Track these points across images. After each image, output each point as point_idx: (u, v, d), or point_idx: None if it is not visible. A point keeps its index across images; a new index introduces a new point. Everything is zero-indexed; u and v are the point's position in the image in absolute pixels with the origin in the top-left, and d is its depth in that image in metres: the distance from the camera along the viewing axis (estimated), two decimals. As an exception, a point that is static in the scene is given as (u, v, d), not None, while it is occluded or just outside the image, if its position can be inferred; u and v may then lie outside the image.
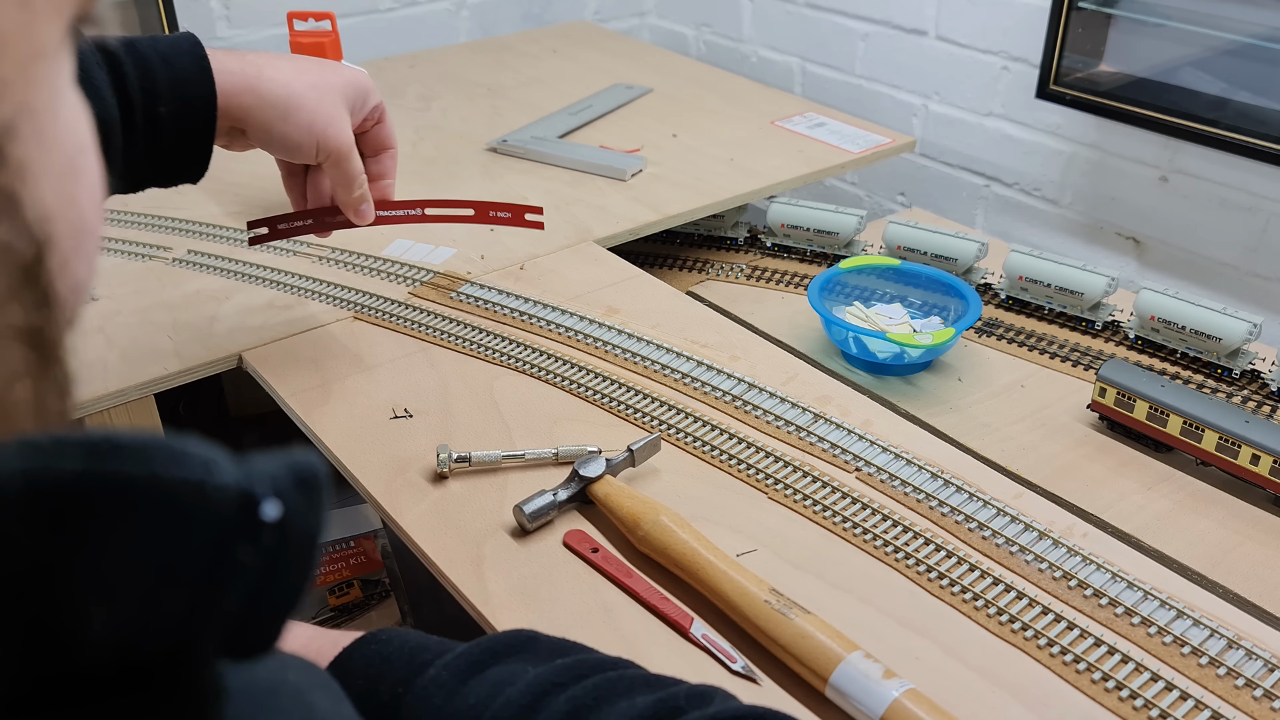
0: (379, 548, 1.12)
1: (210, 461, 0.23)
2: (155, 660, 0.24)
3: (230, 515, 0.23)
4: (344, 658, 0.56)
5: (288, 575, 0.25)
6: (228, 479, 0.23)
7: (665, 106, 1.46)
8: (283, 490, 0.24)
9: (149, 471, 0.22)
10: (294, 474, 0.25)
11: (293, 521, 0.24)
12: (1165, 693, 0.62)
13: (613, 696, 0.49)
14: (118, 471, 0.22)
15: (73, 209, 0.26)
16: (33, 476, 0.21)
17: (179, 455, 0.23)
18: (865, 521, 0.74)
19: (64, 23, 0.26)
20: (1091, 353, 1.03)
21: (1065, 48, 1.25)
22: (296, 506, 0.24)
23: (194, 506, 0.23)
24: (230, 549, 0.23)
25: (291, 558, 0.25)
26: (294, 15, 1.08)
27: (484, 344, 0.93)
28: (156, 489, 0.23)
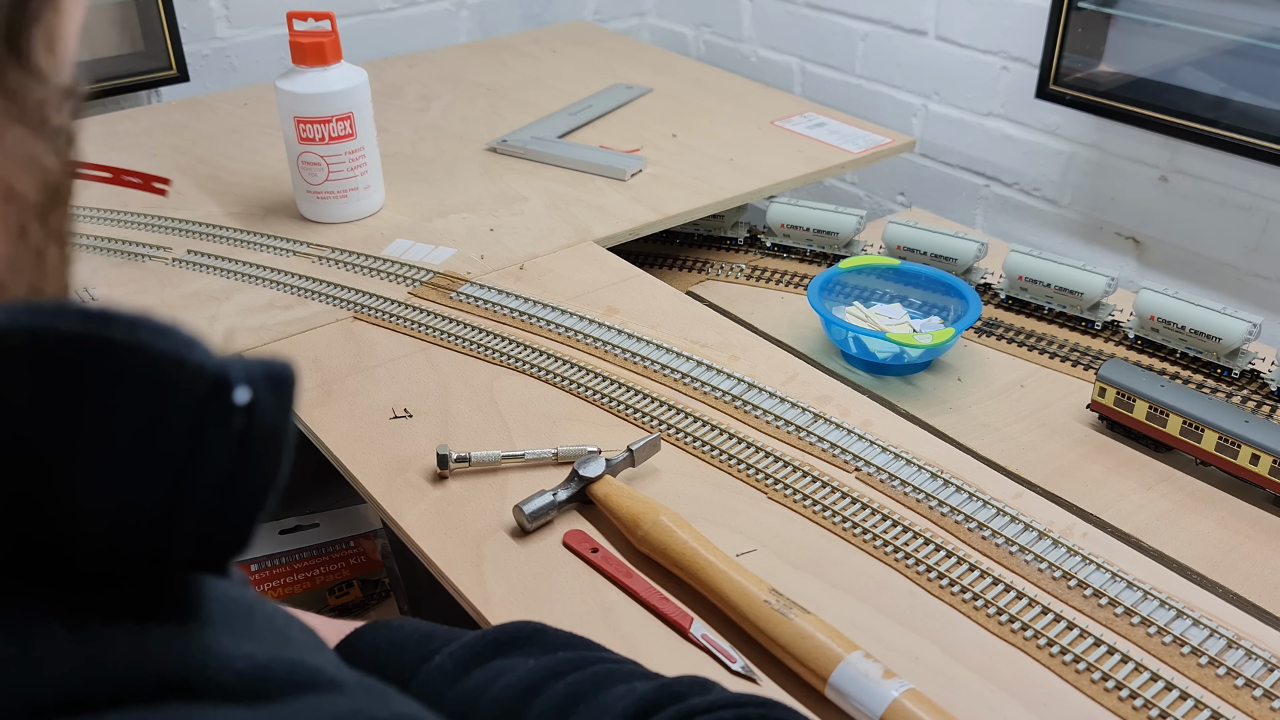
0: (379, 548, 1.12)
1: (192, 341, 0.25)
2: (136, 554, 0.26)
3: (204, 392, 0.25)
4: (350, 641, 0.57)
5: (256, 465, 0.27)
6: (205, 360, 0.25)
7: (665, 106, 1.46)
8: (254, 381, 0.26)
9: (134, 339, 0.24)
10: (266, 370, 0.26)
11: (261, 410, 0.26)
12: (1165, 692, 0.62)
13: (611, 682, 0.49)
14: (108, 336, 0.24)
15: None
16: (36, 332, 0.23)
17: (165, 331, 0.25)
18: (865, 521, 0.74)
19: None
20: (1091, 353, 1.03)
21: (1065, 48, 1.25)
22: (266, 398, 0.26)
23: (173, 378, 0.25)
24: (203, 426, 0.25)
25: (260, 447, 0.26)
26: (293, 15, 1.08)
27: (484, 344, 0.93)
28: (140, 357, 0.24)
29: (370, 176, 1.14)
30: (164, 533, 0.26)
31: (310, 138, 1.08)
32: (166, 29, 1.43)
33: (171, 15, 1.43)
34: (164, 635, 0.25)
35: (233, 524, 0.27)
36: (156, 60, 1.45)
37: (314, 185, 1.12)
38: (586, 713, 0.48)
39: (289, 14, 1.08)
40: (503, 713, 0.49)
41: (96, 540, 0.26)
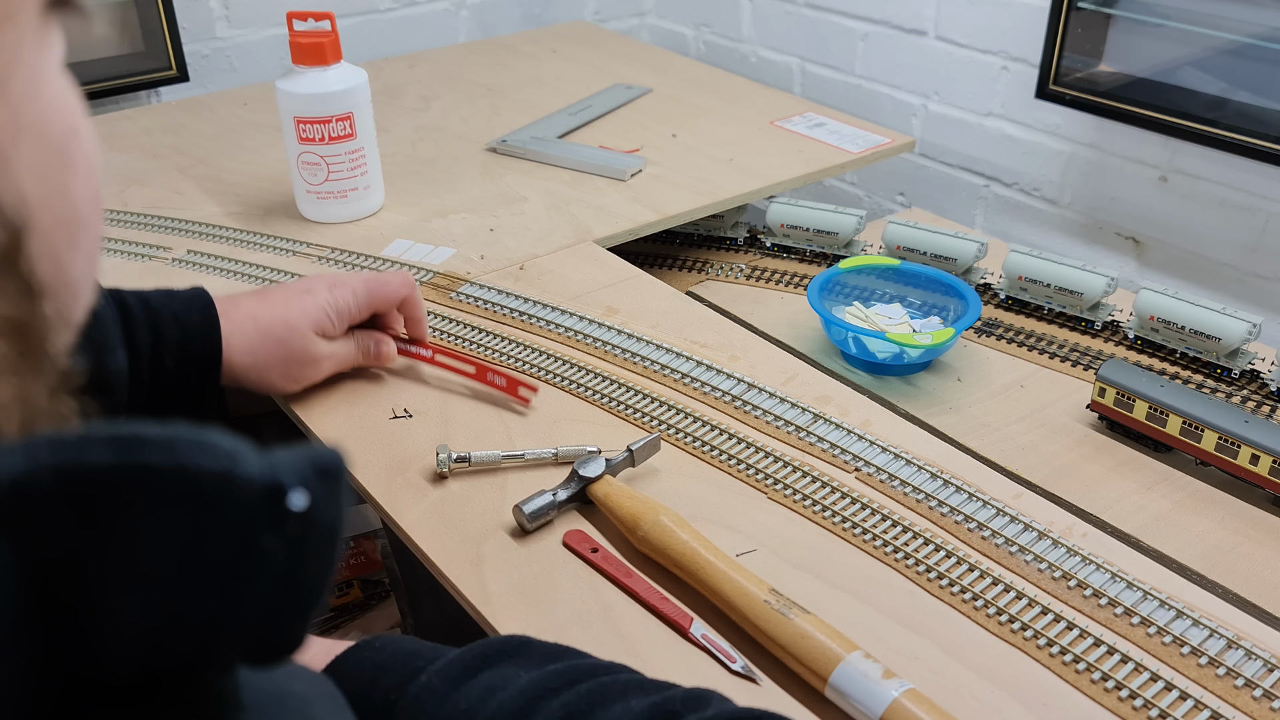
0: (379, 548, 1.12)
1: (235, 452, 0.23)
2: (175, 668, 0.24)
3: (256, 505, 0.23)
4: (337, 664, 0.56)
5: (312, 567, 0.25)
6: (253, 469, 0.23)
7: (665, 106, 1.46)
8: (307, 480, 0.24)
9: (176, 462, 0.23)
10: (316, 464, 0.25)
11: (317, 511, 0.24)
12: (1165, 693, 0.62)
13: (607, 701, 0.49)
14: (145, 464, 0.22)
15: (62, 198, 0.26)
16: (63, 471, 0.22)
17: (205, 446, 0.23)
18: (865, 521, 0.74)
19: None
20: (1091, 353, 1.03)
21: (1065, 48, 1.25)
22: (320, 496, 0.24)
23: (220, 496, 0.23)
24: (257, 538, 0.23)
25: (316, 548, 0.25)
26: (293, 15, 1.08)
27: (484, 344, 0.93)
28: (183, 480, 0.23)
29: (370, 176, 1.14)
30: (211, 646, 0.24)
31: (310, 138, 1.08)
32: (166, 29, 1.43)
33: (171, 15, 1.43)
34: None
35: (287, 627, 0.26)
36: (156, 60, 1.45)
37: (314, 185, 1.12)
38: None
39: (289, 14, 1.08)
40: None
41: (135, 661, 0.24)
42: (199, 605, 0.24)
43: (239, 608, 0.24)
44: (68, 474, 0.22)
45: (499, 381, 0.86)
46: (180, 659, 0.24)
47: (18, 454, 0.21)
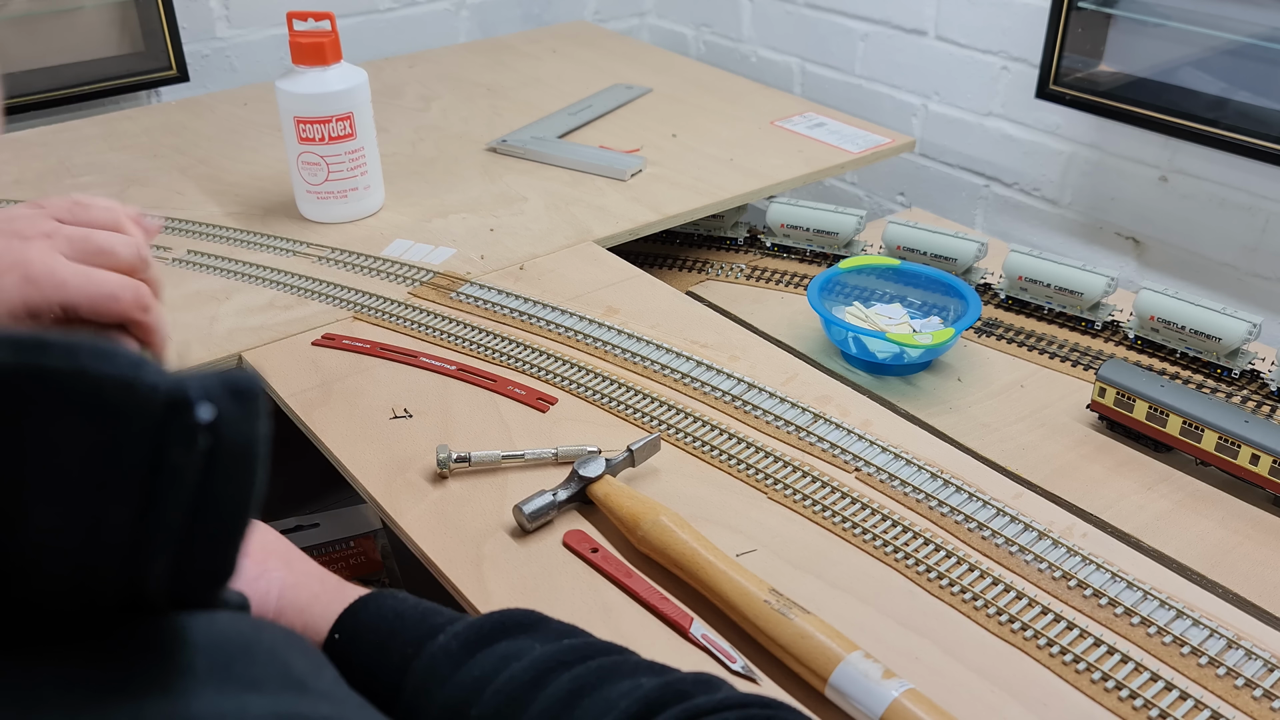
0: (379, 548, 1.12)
1: (140, 361, 0.23)
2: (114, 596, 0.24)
3: (160, 412, 0.23)
4: (354, 610, 0.56)
5: (228, 485, 0.25)
6: (157, 379, 0.23)
7: (665, 106, 1.46)
8: (215, 395, 0.24)
9: (77, 366, 0.23)
10: (227, 383, 0.25)
11: (227, 427, 0.24)
12: (1165, 693, 0.62)
13: (616, 676, 0.49)
14: (47, 366, 0.22)
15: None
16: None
17: (108, 354, 0.23)
18: (865, 521, 0.74)
19: None
20: (1091, 353, 1.03)
21: (1065, 48, 1.25)
22: (230, 412, 0.24)
23: (123, 403, 0.23)
24: (164, 449, 0.23)
25: (230, 465, 0.25)
26: (293, 15, 1.08)
27: (484, 344, 0.93)
28: (85, 384, 0.23)
29: (370, 176, 1.14)
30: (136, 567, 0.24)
31: (310, 138, 1.08)
32: (166, 29, 1.43)
33: (171, 15, 1.43)
34: (161, 708, 0.24)
35: (211, 550, 0.26)
36: (156, 60, 1.45)
37: (314, 185, 1.12)
38: (590, 707, 0.48)
39: (289, 14, 1.08)
40: (506, 703, 0.49)
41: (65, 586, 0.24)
42: (115, 520, 0.23)
43: (156, 524, 0.24)
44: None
45: (518, 393, 0.86)
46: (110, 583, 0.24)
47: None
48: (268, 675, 0.27)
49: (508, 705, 0.49)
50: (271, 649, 0.29)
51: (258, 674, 0.27)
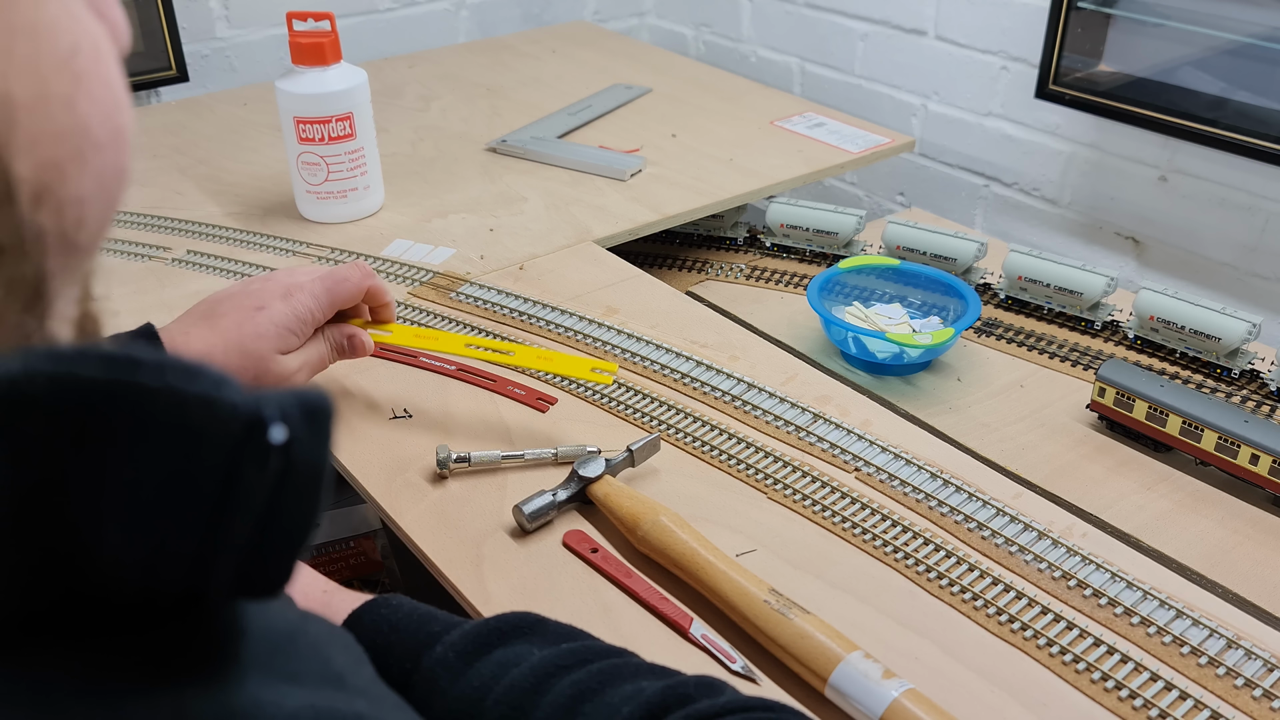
0: (379, 548, 1.12)
1: (223, 380, 0.24)
2: (174, 595, 0.25)
3: (239, 433, 0.24)
4: (355, 618, 0.57)
5: (295, 503, 0.26)
6: (237, 398, 0.24)
7: (664, 106, 1.46)
8: (290, 417, 0.25)
9: (164, 383, 0.23)
10: (302, 404, 0.25)
11: (299, 448, 0.25)
12: (1165, 692, 0.62)
13: (617, 680, 0.49)
14: (136, 382, 0.23)
15: (65, 110, 0.26)
16: (58, 380, 0.22)
17: (193, 372, 0.24)
18: (865, 521, 0.74)
19: None
20: (1091, 353, 1.03)
21: (1064, 47, 1.25)
22: (303, 434, 0.25)
23: (205, 421, 0.24)
24: (239, 467, 0.24)
25: (298, 485, 0.26)
26: (293, 15, 1.08)
27: (484, 344, 0.93)
28: (170, 402, 0.23)
29: (370, 176, 1.14)
30: (199, 576, 0.25)
31: (310, 138, 1.08)
32: (166, 29, 1.43)
33: (171, 15, 1.43)
34: (203, 698, 0.25)
35: (272, 562, 0.27)
36: (156, 60, 1.45)
37: (314, 185, 1.12)
38: (593, 712, 0.47)
39: (289, 14, 1.08)
40: (510, 712, 0.49)
41: (129, 585, 0.25)
42: (185, 532, 0.24)
43: (223, 537, 0.25)
44: (61, 384, 0.23)
45: (518, 393, 0.86)
46: (172, 584, 0.25)
47: (15, 359, 0.22)
48: (308, 669, 0.28)
49: (511, 714, 0.49)
50: (315, 642, 0.30)
51: (298, 667, 0.28)
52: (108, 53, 0.29)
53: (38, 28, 0.26)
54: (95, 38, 0.28)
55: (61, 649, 0.24)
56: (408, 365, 0.90)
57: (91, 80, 0.27)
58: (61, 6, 0.27)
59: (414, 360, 0.90)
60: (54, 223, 0.26)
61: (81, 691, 0.23)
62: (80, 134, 0.27)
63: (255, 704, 0.25)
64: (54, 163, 0.26)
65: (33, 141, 0.26)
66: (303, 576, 0.64)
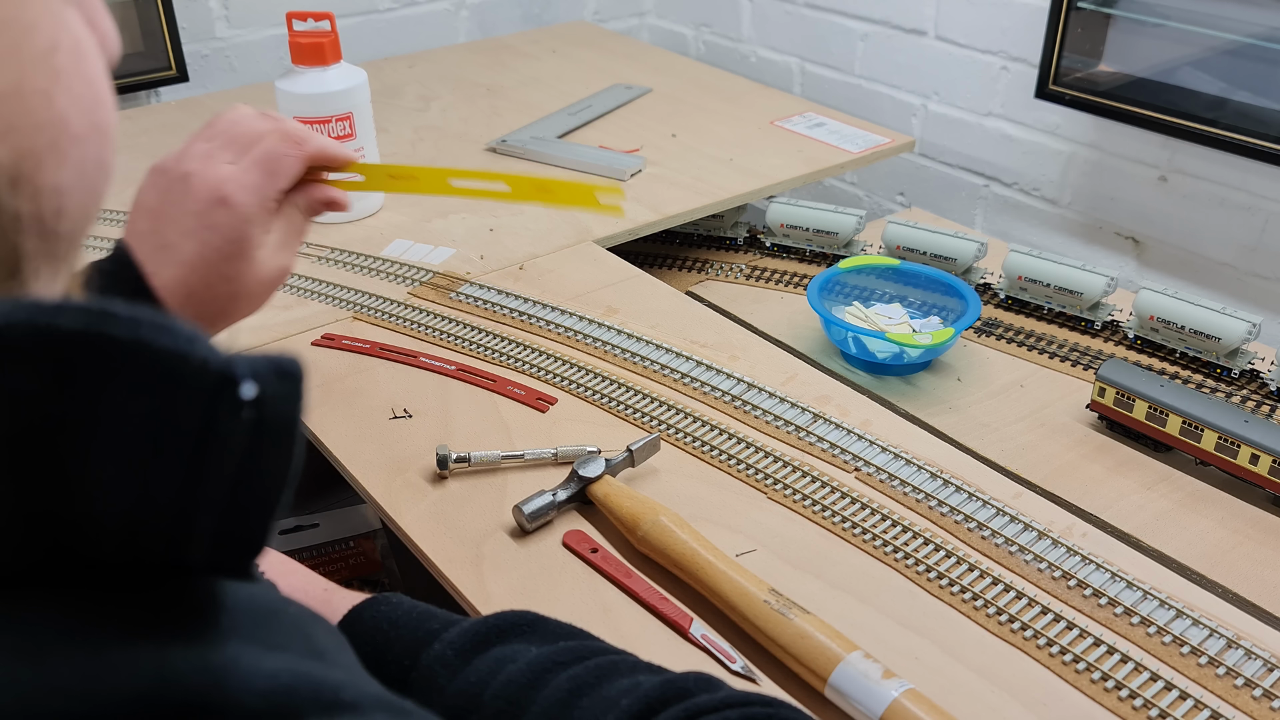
0: (379, 548, 1.12)
1: (194, 337, 0.25)
2: (159, 551, 0.26)
3: (210, 386, 0.25)
4: (353, 617, 0.57)
5: (270, 458, 0.27)
6: (208, 354, 0.25)
7: (665, 107, 1.46)
8: (261, 374, 0.26)
9: (136, 336, 0.24)
10: (273, 363, 0.26)
11: (271, 403, 0.26)
12: (1165, 692, 0.62)
13: (614, 675, 0.49)
14: (110, 334, 0.24)
15: (44, 103, 0.28)
16: (38, 329, 0.23)
17: (166, 327, 0.25)
18: (865, 521, 0.74)
19: None
20: (1091, 352, 1.03)
21: (1064, 48, 1.25)
22: (274, 390, 0.26)
23: (177, 374, 0.25)
24: (213, 420, 0.25)
25: (272, 440, 0.26)
26: (293, 15, 1.08)
27: (483, 344, 0.93)
28: (143, 354, 0.24)
29: (370, 176, 1.14)
30: (181, 531, 0.26)
31: (310, 138, 1.08)
32: (166, 29, 1.43)
33: (171, 15, 1.43)
34: (184, 652, 0.25)
35: (249, 520, 0.27)
36: (156, 60, 1.45)
37: (314, 185, 1.11)
38: (590, 706, 0.48)
39: (288, 14, 1.08)
40: (506, 707, 0.49)
41: (114, 541, 0.26)
42: (165, 480, 0.25)
43: (202, 490, 0.26)
44: (42, 332, 0.24)
45: (518, 393, 0.87)
46: (156, 541, 0.26)
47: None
48: (290, 642, 0.29)
49: (508, 708, 0.49)
50: (298, 620, 0.30)
51: (280, 639, 0.28)
52: (91, 53, 0.30)
53: (17, 24, 0.27)
54: (76, 38, 0.29)
55: (49, 597, 0.25)
56: (408, 365, 0.90)
57: (70, 76, 0.29)
58: (43, 6, 0.28)
59: (414, 360, 0.90)
60: (31, 208, 0.28)
61: (65, 636, 0.24)
62: (58, 126, 0.28)
63: (235, 661, 0.26)
64: (31, 151, 0.27)
65: (8, 129, 0.27)
66: (303, 576, 0.64)
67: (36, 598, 0.25)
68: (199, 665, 0.25)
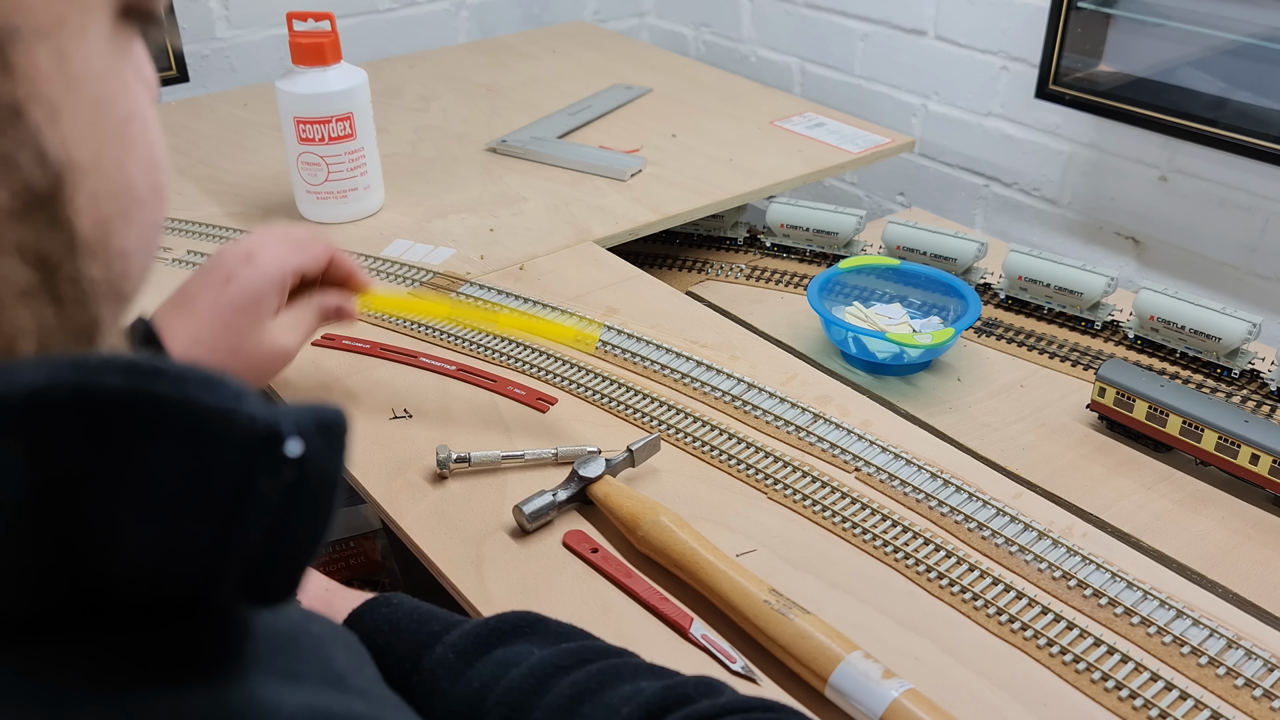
0: (379, 548, 1.12)
1: (241, 394, 0.25)
2: (182, 595, 0.26)
3: (254, 445, 0.25)
4: (353, 620, 0.57)
5: (307, 514, 0.27)
6: (255, 412, 0.25)
7: (664, 107, 1.46)
8: (305, 431, 0.26)
9: (183, 395, 0.24)
10: (317, 418, 0.26)
11: (313, 461, 0.26)
12: (1165, 692, 0.62)
13: (616, 681, 0.49)
14: (156, 393, 0.24)
15: (116, 171, 0.28)
16: (80, 389, 0.23)
17: (213, 384, 0.25)
18: (865, 521, 0.74)
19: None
20: (1091, 353, 1.03)
21: (1064, 48, 1.25)
22: (317, 447, 0.26)
23: (222, 432, 0.25)
24: (253, 478, 0.25)
25: (310, 497, 0.26)
26: (293, 15, 1.08)
27: (484, 344, 0.93)
28: (189, 412, 0.24)
29: (370, 177, 1.14)
30: (208, 580, 0.26)
31: (310, 138, 1.08)
32: (166, 29, 1.43)
33: (171, 15, 1.43)
34: (203, 694, 0.25)
35: (280, 571, 0.27)
36: (156, 60, 1.45)
37: (314, 185, 1.12)
38: (592, 713, 0.47)
39: (289, 14, 1.08)
40: (509, 713, 0.49)
41: (136, 588, 0.25)
42: (197, 536, 0.25)
43: (234, 545, 0.25)
44: (83, 392, 0.23)
45: (518, 393, 0.86)
46: (182, 586, 0.26)
47: (40, 368, 0.23)
48: (309, 669, 0.28)
49: (511, 715, 0.49)
50: (317, 642, 0.30)
51: (300, 667, 0.28)
52: (152, 117, 0.31)
53: (100, 100, 0.28)
54: (143, 106, 0.30)
55: (66, 644, 0.25)
56: (408, 365, 0.90)
57: (138, 144, 0.30)
58: (119, 80, 0.29)
59: (414, 360, 0.90)
60: (104, 274, 0.28)
61: (82, 684, 0.24)
62: (127, 193, 0.29)
63: (252, 704, 0.25)
64: (106, 220, 0.28)
65: (91, 201, 0.27)
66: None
67: (54, 642, 0.25)
68: (217, 710, 0.25)
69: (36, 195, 0.26)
